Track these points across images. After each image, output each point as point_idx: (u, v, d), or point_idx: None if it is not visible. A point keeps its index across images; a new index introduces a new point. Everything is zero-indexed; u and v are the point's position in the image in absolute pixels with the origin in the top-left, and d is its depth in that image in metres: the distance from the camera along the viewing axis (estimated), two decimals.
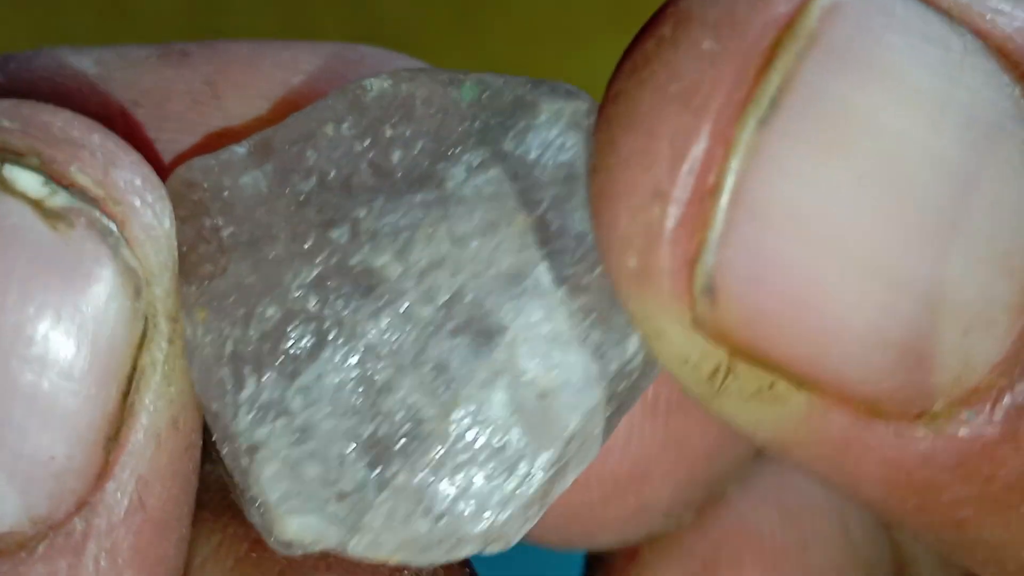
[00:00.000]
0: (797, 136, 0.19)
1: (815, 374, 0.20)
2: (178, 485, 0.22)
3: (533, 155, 0.22)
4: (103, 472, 0.22)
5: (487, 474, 0.22)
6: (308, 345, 0.22)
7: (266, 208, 0.23)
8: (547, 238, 0.22)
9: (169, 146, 0.25)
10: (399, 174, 0.22)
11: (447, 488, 0.22)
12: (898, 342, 0.20)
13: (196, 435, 0.23)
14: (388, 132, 0.22)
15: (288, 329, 0.22)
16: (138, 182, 0.22)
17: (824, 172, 0.19)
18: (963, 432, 0.20)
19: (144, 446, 0.22)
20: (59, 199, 0.22)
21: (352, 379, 0.22)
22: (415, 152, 0.22)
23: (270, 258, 0.22)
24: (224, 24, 0.78)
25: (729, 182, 0.19)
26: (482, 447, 0.22)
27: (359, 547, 0.22)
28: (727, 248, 0.19)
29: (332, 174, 0.22)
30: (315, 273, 0.22)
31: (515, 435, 0.22)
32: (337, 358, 0.22)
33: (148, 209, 0.22)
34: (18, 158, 0.22)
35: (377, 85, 0.23)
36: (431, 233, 0.22)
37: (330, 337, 0.22)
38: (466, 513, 0.22)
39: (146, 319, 0.22)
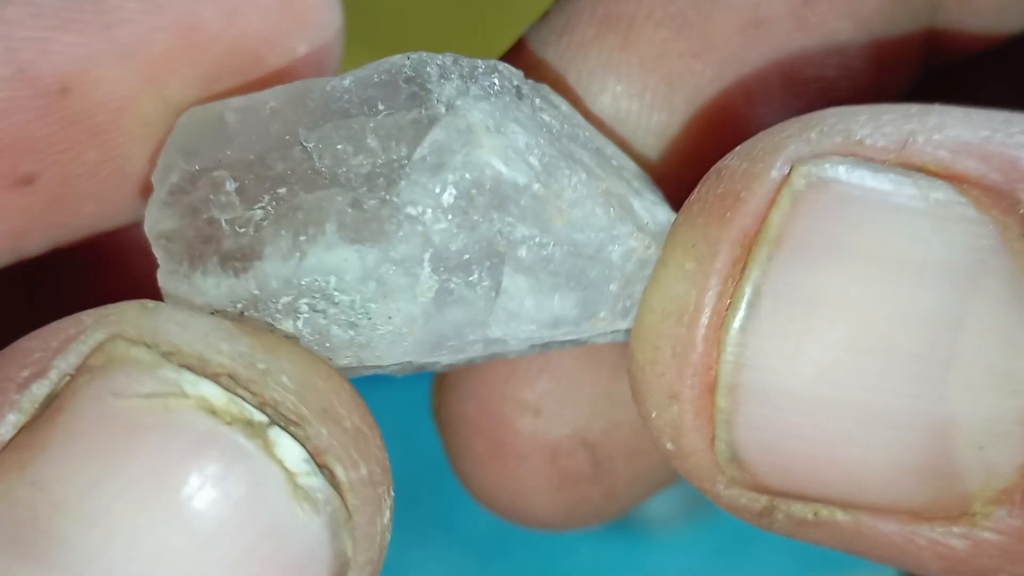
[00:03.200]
0: (774, 330, 0.22)
1: (852, 503, 0.22)
2: None
3: None
4: None
5: None
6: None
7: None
8: None
9: (45, 45, 0.24)
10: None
11: None
12: (920, 469, 0.22)
13: None
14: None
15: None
16: (381, 490, 0.23)
17: (804, 353, 0.22)
18: (1001, 527, 0.22)
19: None
20: (314, 481, 0.22)
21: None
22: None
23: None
24: None
25: (725, 376, 0.22)
26: None
27: None
28: (737, 429, 0.22)
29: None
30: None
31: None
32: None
33: (374, 506, 0.23)
34: (288, 423, 0.22)
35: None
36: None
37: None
38: None
39: None
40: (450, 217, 0.23)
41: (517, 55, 0.29)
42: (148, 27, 0.24)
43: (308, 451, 0.22)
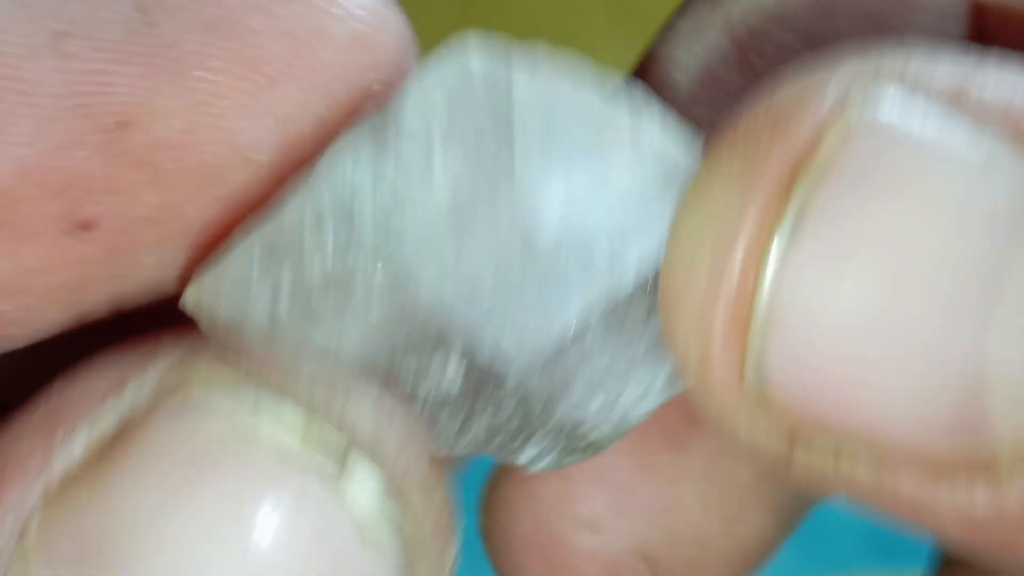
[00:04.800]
0: (817, 253, 0.21)
1: (874, 439, 0.21)
2: None
3: None
4: None
5: None
6: None
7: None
8: None
9: (106, 80, 0.23)
10: None
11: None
12: (950, 414, 0.21)
13: None
14: None
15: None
16: (444, 520, 0.22)
17: (847, 283, 0.21)
18: None
19: None
20: (385, 525, 0.21)
21: None
22: None
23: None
24: None
25: (762, 303, 0.21)
26: None
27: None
28: (768, 360, 0.21)
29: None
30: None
31: None
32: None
33: (437, 558, 0.22)
34: (368, 450, 0.21)
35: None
36: None
37: None
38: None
39: None
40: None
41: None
42: (211, 62, 0.23)
43: (385, 476, 0.21)
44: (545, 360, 0.23)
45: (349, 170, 0.23)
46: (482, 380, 0.23)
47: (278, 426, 0.21)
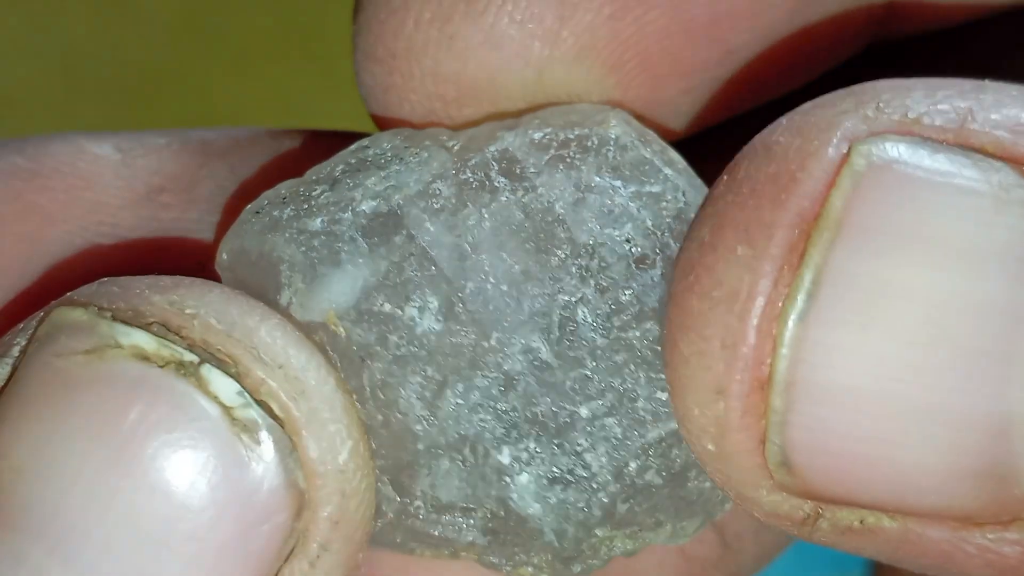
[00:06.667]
0: (835, 322, 0.20)
1: (903, 509, 0.21)
2: None
3: None
4: None
5: None
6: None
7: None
8: None
9: (197, 225, 0.26)
10: None
11: None
12: (976, 471, 0.21)
13: None
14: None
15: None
16: (325, 414, 0.23)
17: (868, 347, 0.20)
18: None
19: None
20: (251, 413, 0.22)
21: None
22: None
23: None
24: (223, 24, 0.78)
25: (781, 372, 0.21)
26: None
27: None
28: (791, 429, 0.21)
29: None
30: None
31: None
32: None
33: (326, 441, 0.23)
34: (219, 361, 0.22)
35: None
36: None
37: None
38: None
39: (297, 539, 0.23)
40: None
41: None
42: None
43: (243, 386, 0.22)
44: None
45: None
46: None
47: (134, 350, 0.22)
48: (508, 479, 0.23)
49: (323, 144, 0.27)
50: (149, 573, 0.22)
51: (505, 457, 0.23)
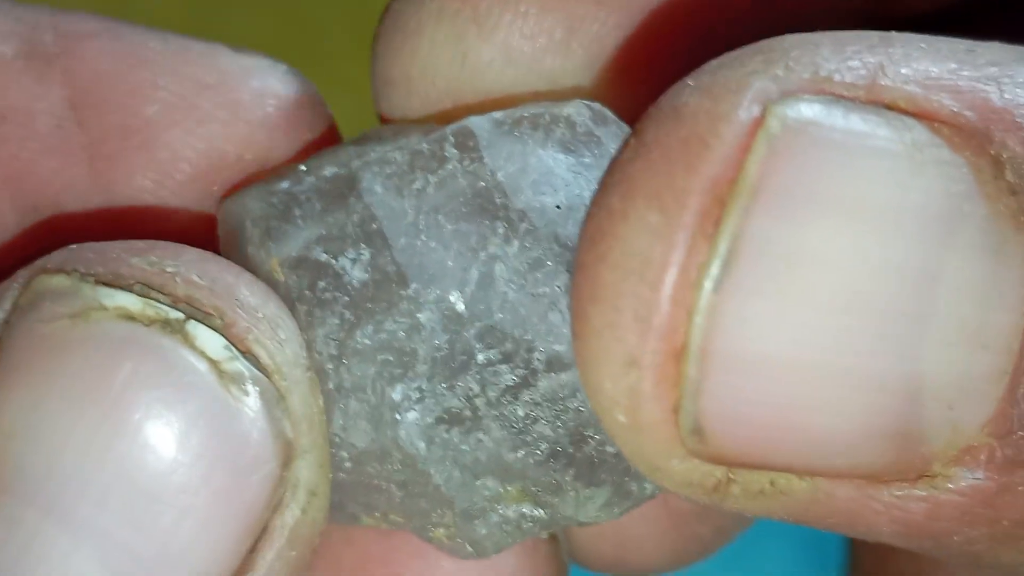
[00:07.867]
0: (751, 290, 0.20)
1: (813, 470, 0.21)
2: None
3: None
4: None
5: None
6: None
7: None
8: None
9: (30, 166, 0.26)
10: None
11: None
12: (886, 431, 0.21)
13: None
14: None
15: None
16: (303, 361, 0.23)
17: (784, 314, 0.20)
18: (962, 487, 0.21)
19: None
20: (237, 365, 0.23)
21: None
22: None
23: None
24: (223, 24, 0.78)
25: (695, 342, 0.20)
26: None
27: None
28: (704, 398, 0.20)
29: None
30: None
31: None
32: None
33: (308, 387, 0.23)
34: (204, 316, 0.23)
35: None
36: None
37: None
38: None
39: (287, 487, 0.23)
40: None
41: None
42: (121, 167, 0.27)
43: (228, 339, 0.23)
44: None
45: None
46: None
47: (119, 311, 0.23)
48: (399, 416, 0.24)
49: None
50: (144, 527, 0.22)
51: (397, 394, 0.24)
